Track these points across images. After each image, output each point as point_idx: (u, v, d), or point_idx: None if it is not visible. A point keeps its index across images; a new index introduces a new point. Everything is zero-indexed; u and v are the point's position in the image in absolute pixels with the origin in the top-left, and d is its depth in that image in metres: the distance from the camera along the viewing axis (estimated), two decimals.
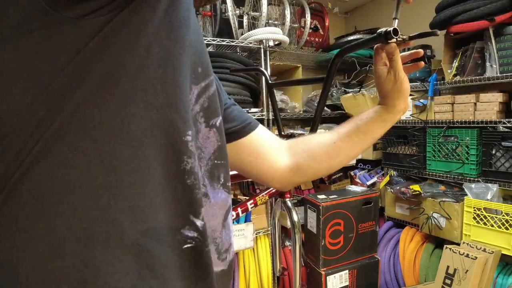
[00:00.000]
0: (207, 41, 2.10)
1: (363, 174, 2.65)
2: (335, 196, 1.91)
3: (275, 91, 2.54)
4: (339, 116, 2.74)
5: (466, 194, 1.84)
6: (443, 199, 1.95)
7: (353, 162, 2.63)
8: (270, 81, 1.49)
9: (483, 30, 1.82)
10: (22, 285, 0.31)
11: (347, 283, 1.92)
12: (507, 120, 1.74)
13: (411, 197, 2.11)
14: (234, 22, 2.30)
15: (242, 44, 2.24)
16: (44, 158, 0.32)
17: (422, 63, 0.71)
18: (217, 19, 2.26)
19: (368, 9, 3.11)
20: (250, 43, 2.23)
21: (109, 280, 0.34)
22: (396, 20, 0.62)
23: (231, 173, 1.43)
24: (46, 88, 0.32)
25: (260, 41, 2.22)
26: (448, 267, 1.65)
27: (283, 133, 1.47)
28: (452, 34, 1.98)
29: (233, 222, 1.79)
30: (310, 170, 0.69)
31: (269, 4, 2.32)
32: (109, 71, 0.33)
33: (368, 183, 2.53)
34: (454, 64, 2.03)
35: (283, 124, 2.79)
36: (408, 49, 0.78)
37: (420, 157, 2.16)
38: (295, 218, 1.27)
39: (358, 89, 2.57)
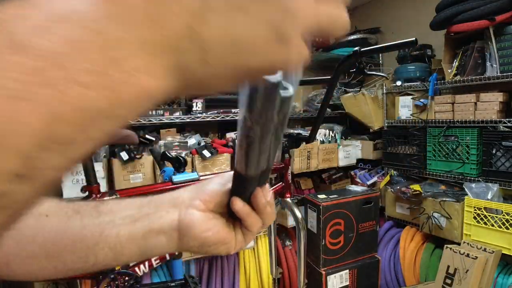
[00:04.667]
0: None
1: (363, 173, 2.65)
2: (335, 195, 1.91)
3: None
4: (339, 116, 2.73)
5: (467, 194, 1.84)
6: (444, 199, 1.94)
7: (353, 161, 2.62)
8: None
9: (484, 29, 1.81)
10: None
11: (347, 283, 1.92)
12: (507, 119, 1.74)
13: (411, 197, 2.11)
14: None
15: None
16: None
17: None
18: None
19: (368, 9, 3.11)
20: None
21: None
22: None
23: (229, 173, 1.44)
24: None
25: None
26: (448, 266, 1.65)
27: None
28: (452, 34, 1.97)
29: None
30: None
31: None
32: None
33: (369, 182, 2.53)
34: (454, 63, 2.03)
35: None
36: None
37: (420, 156, 2.16)
38: (299, 215, 1.26)
39: (359, 89, 2.57)
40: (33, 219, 0.38)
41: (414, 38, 0.87)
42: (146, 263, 1.53)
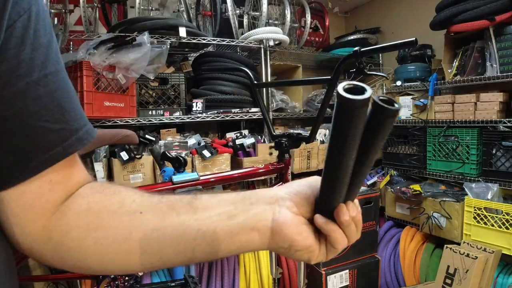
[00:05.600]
0: (207, 40, 2.10)
1: None
2: None
3: (275, 90, 2.54)
4: None
5: (467, 194, 1.84)
6: (444, 199, 1.94)
7: None
8: (254, 82, 1.51)
9: (484, 29, 1.81)
10: None
11: (347, 283, 1.92)
12: (507, 119, 1.74)
13: (411, 197, 2.11)
14: (234, 21, 2.29)
15: (242, 44, 2.24)
16: None
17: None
18: (217, 19, 2.26)
19: (368, 9, 3.11)
20: (250, 42, 2.23)
21: None
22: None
23: (229, 173, 1.43)
24: None
25: (260, 41, 2.22)
26: (448, 266, 1.65)
27: (273, 133, 1.47)
28: (452, 34, 1.97)
29: None
30: (70, 247, 0.39)
31: (269, 3, 2.32)
32: None
33: (369, 182, 2.52)
34: (454, 63, 2.03)
35: (283, 124, 2.79)
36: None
37: (420, 156, 2.16)
38: None
39: None
40: (127, 217, 0.39)
41: (414, 38, 0.87)
42: None
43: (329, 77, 1.24)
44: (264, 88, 2.24)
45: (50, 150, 0.37)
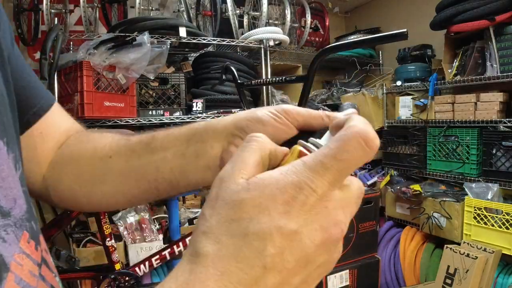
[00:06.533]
0: (207, 40, 2.10)
1: (364, 173, 2.65)
2: None
3: (275, 90, 2.54)
4: None
5: (467, 194, 1.84)
6: (444, 199, 1.94)
7: None
8: (238, 81, 1.51)
9: (484, 29, 1.81)
10: None
11: (347, 283, 1.91)
12: (507, 119, 1.74)
13: (411, 197, 2.11)
14: (234, 21, 2.29)
15: (242, 44, 2.24)
16: None
17: None
18: (217, 19, 2.26)
19: (368, 9, 3.11)
20: (250, 42, 2.23)
21: None
22: None
23: None
24: None
25: (260, 41, 2.21)
26: (448, 266, 1.65)
27: None
28: (452, 34, 1.97)
29: None
30: (65, 191, 0.47)
31: (269, 3, 2.32)
32: None
33: (369, 182, 2.52)
34: (454, 63, 2.03)
35: None
36: None
37: (420, 156, 2.16)
38: None
39: (359, 89, 2.57)
40: (101, 162, 0.45)
41: (405, 29, 0.82)
42: (147, 263, 1.53)
43: (305, 74, 1.24)
44: (265, 88, 2.24)
45: (36, 105, 0.45)
